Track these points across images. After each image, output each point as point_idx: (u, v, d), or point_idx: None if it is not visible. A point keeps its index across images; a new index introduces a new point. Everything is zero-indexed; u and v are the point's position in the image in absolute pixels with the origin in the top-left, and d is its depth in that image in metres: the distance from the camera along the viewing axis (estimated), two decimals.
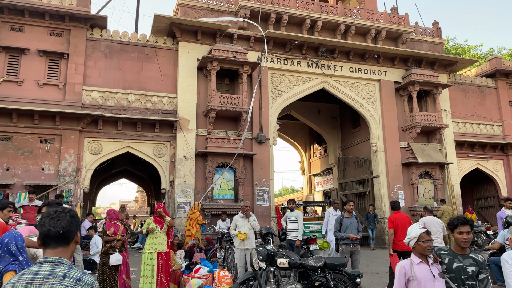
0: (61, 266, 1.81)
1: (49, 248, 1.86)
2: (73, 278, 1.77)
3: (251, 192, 13.99)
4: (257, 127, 14.47)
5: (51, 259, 1.82)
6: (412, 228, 3.35)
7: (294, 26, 15.68)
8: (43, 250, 1.88)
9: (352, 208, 7.63)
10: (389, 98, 16.55)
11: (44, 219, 1.90)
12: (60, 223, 1.87)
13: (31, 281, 1.76)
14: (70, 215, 1.93)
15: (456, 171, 16.94)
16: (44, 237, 1.86)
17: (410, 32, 16.73)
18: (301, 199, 25.25)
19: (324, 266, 6.00)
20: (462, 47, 32.28)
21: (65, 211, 1.94)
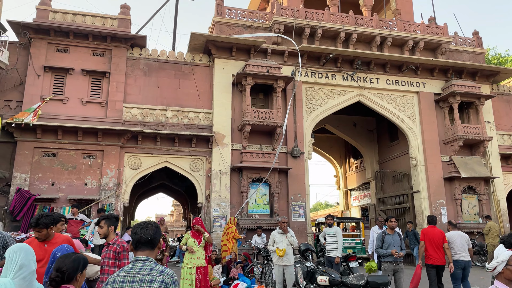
0: (149, 263, 2.37)
1: (139, 250, 2.44)
2: (158, 270, 2.32)
3: (287, 207, 13.86)
4: (292, 141, 14.40)
5: (141, 258, 2.39)
6: (499, 250, 2.94)
7: (329, 40, 15.63)
8: (134, 252, 2.46)
9: (394, 225, 7.36)
10: (428, 110, 16.07)
11: (136, 228, 2.49)
12: (149, 232, 2.45)
13: (127, 274, 2.32)
14: (155, 226, 2.53)
15: (502, 185, 16.11)
16: (137, 242, 2.44)
17: (449, 43, 16.27)
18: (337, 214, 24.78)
19: (367, 285, 5.80)
20: (504, 56, 31.01)
21: (151, 223, 2.53)
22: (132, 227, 2.56)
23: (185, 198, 24.09)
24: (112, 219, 4.29)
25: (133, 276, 2.29)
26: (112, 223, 4.25)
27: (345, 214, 22.40)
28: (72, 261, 2.82)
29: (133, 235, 2.48)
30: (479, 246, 13.92)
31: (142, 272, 2.30)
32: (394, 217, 7.46)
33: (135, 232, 2.46)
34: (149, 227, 2.49)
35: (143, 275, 2.28)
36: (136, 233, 2.46)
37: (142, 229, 2.47)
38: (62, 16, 13.58)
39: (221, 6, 15.05)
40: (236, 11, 15.25)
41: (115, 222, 4.30)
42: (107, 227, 4.21)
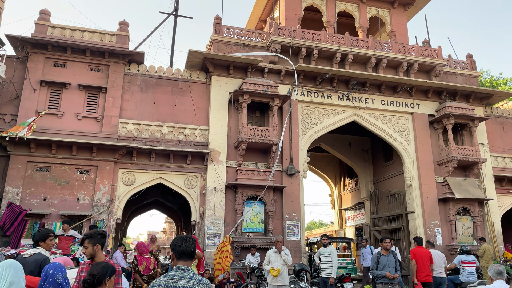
0: (189, 272, 2.78)
1: (182, 260, 2.89)
2: (196, 279, 2.74)
3: (281, 225, 13.76)
4: (287, 160, 14.40)
5: (182, 267, 2.82)
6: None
7: (325, 60, 15.82)
8: (175, 262, 2.90)
9: (389, 246, 7.32)
10: (423, 131, 16.19)
11: (180, 241, 2.94)
12: (191, 245, 2.93)
13: (170, 279, 2.73)
14: (193, 240, 3.01)
15: (496, 207, 16.13)
16: (181, 253, 2.89)
17: (443, 65, 16.52)
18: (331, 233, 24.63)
19: None
20: (497, 79, 31.50)
21: (191, 238, 3.00)
22: (175, 239, 2.98)
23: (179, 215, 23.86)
24: (97, 236, 3.84)
25: (176, 282, 2.71)
26: (97, 241, 3.81)
27: (340, 233, 22.26)
28: (102, 267, 3.12)
29: (177, 247, 2.92)
30: None
31: (184, 280, 2.71)
32: (389, 238, 7.42)
33: (179, 245, 2.91)
34: (190, 241, 2.96)
35: (185, 282, 2.70)
36: (180, 246, 2.91)
37: (186, 242, 2.94)
38: (61, 31, 13.66)
39: (219, 25, 15.24)
40: (234, 30, 15.43)
41: (100, 239, 3.86)
42: (92, 246, 3.78)
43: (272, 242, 7.63)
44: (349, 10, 17.54)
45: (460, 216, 15.55)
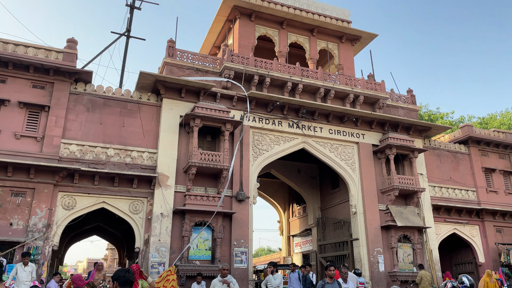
0: None
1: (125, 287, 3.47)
2: None
3: (229, 252, 13.54)
4: (237, 185, 14.36)
5: None
6: None
7: (276, 88, 16.19)
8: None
9: (333, 273, 7.41)
10: (367, 160, 16.86)
11: (123, 272, 3.52)
12: (132, 275, 3.52)
13: None
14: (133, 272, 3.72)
15: (434, 235, 16.96)
16: (125, 282, 3.46)
17: (386, 98, 17.48)
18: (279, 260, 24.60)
19: None
20: (435, 113, 33.82)
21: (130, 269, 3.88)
22: (118, 271, 3.54)
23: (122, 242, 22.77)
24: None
25: None
26: None
27: (287, 260, 22.28)
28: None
29: (121, 277, 3.48)
30: None
31: None
32: (333, 266, 7.52)
33: (123, 275, 3.50)
34: (131, 272, 3.60)
35: None
36: (124, 276, 3.50)
37: (128, 273, 3.54)
38: (3, 45, 12.96)
39: (172, 48, 15.20)
40: (187, 54, 15.45)
41: None
42: None
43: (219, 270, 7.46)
44: (300, 41, 18.23)
45: (401, 243, 16.16)
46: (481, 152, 19.92)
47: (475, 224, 18.48)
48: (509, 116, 31.54)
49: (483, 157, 19.86)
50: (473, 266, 18.35)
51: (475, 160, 19.50)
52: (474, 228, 18.44)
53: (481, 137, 19.72)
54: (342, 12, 18.92)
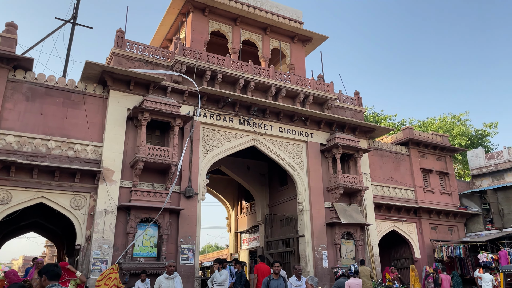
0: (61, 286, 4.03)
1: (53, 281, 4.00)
2: None
3: (175, 249, 13.34)
4: (186, 181, 14.17)
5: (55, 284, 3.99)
6: None
7: (228, 84, 16.15)
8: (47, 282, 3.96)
9: (278, 269, 7.54)
10: (315, 159, 17.30)
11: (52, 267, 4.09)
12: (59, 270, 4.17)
13: None
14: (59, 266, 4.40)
15: (375, 232, 17.77)
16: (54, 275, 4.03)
17: (334, 99, 18.02)
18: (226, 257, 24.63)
19: None
20: (379, 116, 35.39)
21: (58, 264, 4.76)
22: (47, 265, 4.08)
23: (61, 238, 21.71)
24: None
25: None
26: None
27: (234, 257, 22.35)
28: None
29: (50, 271, 4.00)
30: None
31: None
32: (278, 262, 7.65)
33: (52, 269, 4.04)
34: (59, 266, 4.17)
35: None
36: (53, 270, 4.03)
37: (56, 267, 4.09)
38: None
39: (121, 39, 14.67)
40: (137, 45, 14.98)
41: None
42: None
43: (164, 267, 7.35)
44: (253, 39, 18.30)
45: (344, 240, 16.77)
46: (420, 153, 21.13)
47: (412, 221, 19.60)
48: (446, 120, 33.70)
49: (422, 158, 21.08)
50: (410, 261, 19.44)
51: (414, 161, 20.65)
52: (411, 226, 19.54)
53: (420, 139, 20.92)
54: (295, 13, 19.23)
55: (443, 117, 34.49)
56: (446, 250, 18.39)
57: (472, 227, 21.06)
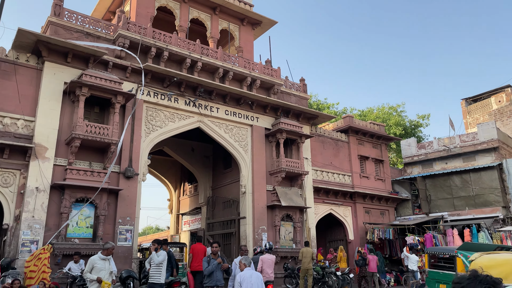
0: None
1: None
2: None
3: (113, 230, 12.98)
4: (126, 161, 13.75)
5: None
6: None
7: (174, 63, 15.74)
8: None
9: (216, 250, 7.63)
10: (259, 143, 17.50)
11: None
12: None
13: None
14: None
15: (313, 215, 18.47)
16: None
17: (281, 85, 18.24)
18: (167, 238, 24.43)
19: None
20: (323, 103, 36.43)
21: None
22: None
23: None
24: None
25: None
26: None
27: (175, 238, 22.25)
28: None
29: None
30: (290, 269, 15.48)
31: None
32: (217, 243, 7.74)
33: None
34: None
35: None
36: None
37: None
38: None
39: (59, 7, 13.70)
40: (77, 15, 14.08)
41: None
42: None
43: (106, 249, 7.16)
44: (202, 18, 17.91)
45: (284, 222, 17.26)
46: (358, 141, 22.13)
47: (348, 205, 20.60)
48: (384, 110, 35.46)
49: (360, 145, 22.09)
50: (344, 243, 20.48)
51: (353, 148, 21.59)
52: (347, 209, 20.54)
53: (359, 127, 21.87)
54: None
55: (381, 108, 36.24)
56: (377, 233, 19.59)
57: (402, 212, 22.57)
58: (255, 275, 6.26)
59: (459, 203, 20.66)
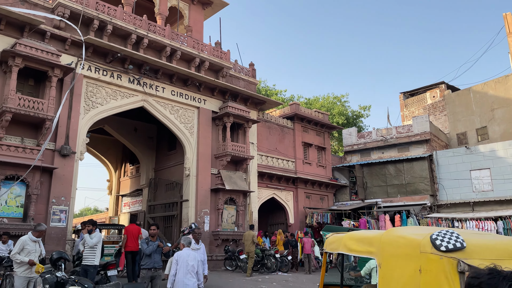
0: None
1: None
2: None
3: (46, 211, 12.34)
4: (63, 139, 13.04)
5: None
6: None
7: (119, 38, 15.04)
8: None
9: (154, 232, 7.54)
10: (206, 126, 17.35)
11: None
12: None
13: None
14: None
15: (256, 199, 18.76)
16: None
17: (230, 68, 18.11)
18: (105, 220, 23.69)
19: None
20: (271, 89, 36.76)
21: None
22: None
23: None
24: None
25: None
26: None
27: (114, 220, 21.62)
28: None
29: None
30: (231, 252, 15.70)
31: None
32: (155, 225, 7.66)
33: None
34: None
35: None
36: None
37: None
38: None
39: None
40: None
41: None
42: None
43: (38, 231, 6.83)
44: None
45: (227, 205, 17.38)
46: (303, 128, 22.66)
47: (290, 190, 21.14)
48: (329, 100, 36.53)
49: (304, 133, 22.65)
50: (284, 226, 21.06)
51: (297, 135, 22.09)
52: (289, 194, 21.08)
53: (305, 115, 22.38)
54: None
55: (327, 97, 37.30)
56: (316, 217, 20.35)
57: (340, 197, 23.59)
58: (192, 255, 6.37)
59: (392, 191, 21.96)
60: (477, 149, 20.50)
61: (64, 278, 5.41)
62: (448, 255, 2.42)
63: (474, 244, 2.54)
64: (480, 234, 3.44)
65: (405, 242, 2.81)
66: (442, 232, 2.58)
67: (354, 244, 3.56)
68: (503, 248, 2.59)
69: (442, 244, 2.48)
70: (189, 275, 6.08)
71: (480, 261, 2.28)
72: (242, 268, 15.17)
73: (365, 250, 3.35)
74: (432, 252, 2.50)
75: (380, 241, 3.07)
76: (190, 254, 6.35)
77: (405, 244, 2.79)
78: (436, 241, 2.51)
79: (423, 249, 2.56)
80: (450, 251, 2.43)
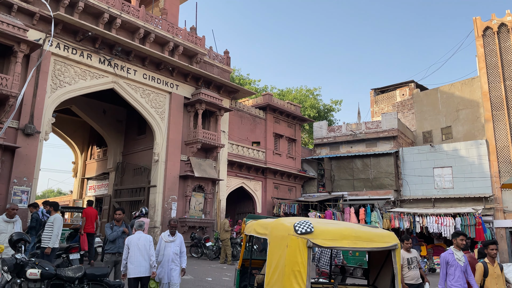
0: None
1: None
2: None
3: (6, 191, 11.91)
4: (27, 117, 12.55)
5: None
6: None
7: (90, 16, 14.54)
8: None
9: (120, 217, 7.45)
10: (177, 111, 17.12)
11: None
12: None
13: None
14: None
15: (225, 187, 18.77)
16: None
17: (204, 54, 17.90)
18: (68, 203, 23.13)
19: (84, 277, 5.58)
20: (245, 79, 36.63)
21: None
22: None
23: None
24: None
25: None
26: None
27: (77, 203, 21.11)
28: None
29: None
30: (197, 239, 15.70)
31: None
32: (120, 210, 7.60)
33: None
34: None
35: None
36: None
37: None
38: None
39: None
40: None
41: None
42: None
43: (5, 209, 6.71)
44: None
45: (195, 193, 17.32)
46: (275, 119, 22.79)
47: (259, 180, 21.29)
48: (302, 92, 36.80)
49: (276, 124, 22.78)
50: None
51: (269, 125, 22.20)
52: (258, 184, 21.23)
53: (277, 106, 22.48)
54: None
55: (300, 89, 37.55)
56: (283, 207, 20.63)
57: (308, 189, 23.97)
58: (143, 238, 6.51)
59: (358, 184, 22.52)
60: (441, 147, 21.29)
61: (24, 261, 5.27)
62: (301, 236, 3.82)
63: (320, 229, 3.96)
64: (327, 222, 4.71)
65: (282, 227, 4.14)
66: (301, 221, 3.94)
67: (258, 228, 4.85)
68: (339, 232, 4.06)
69: (298, 229, 3.85)
70: (141, 257, 6.18)
71: (322, 241, 3.85)
72: (207, 255, 15.22)
73: (263, 232, 4.65)
74: (293, 234, 3.86)
75: (271, 227, 4.44)
76: (141, 237, 6.48)
77: (282, 228, 4.12)
78: (296, 227, 3.86)
79: (289, 232, 3.91)
80: (303, 234, 3.81)
